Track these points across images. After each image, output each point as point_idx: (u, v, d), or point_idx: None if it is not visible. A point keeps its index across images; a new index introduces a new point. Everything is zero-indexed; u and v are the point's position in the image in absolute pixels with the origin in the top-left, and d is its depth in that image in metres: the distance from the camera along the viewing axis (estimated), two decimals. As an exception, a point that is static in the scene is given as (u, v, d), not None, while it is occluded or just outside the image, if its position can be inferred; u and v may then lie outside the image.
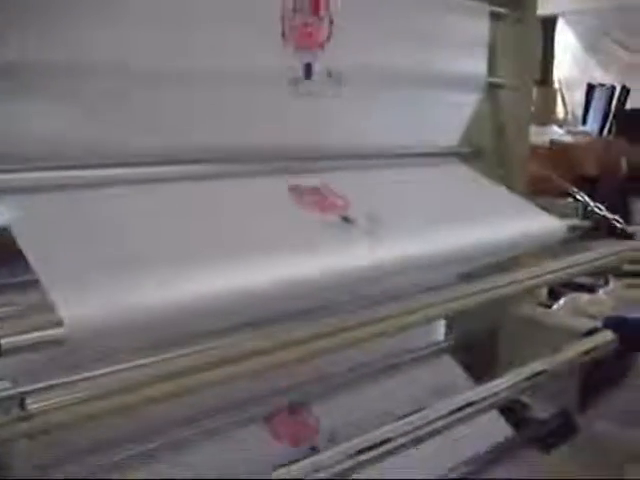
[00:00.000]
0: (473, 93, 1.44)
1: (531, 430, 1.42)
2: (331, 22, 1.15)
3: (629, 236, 1.43)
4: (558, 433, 1.41)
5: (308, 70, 1.15)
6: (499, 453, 1.33)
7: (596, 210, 1.47)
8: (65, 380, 0.70)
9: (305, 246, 1.00)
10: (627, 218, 3.12)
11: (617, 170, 4.18)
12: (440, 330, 1.57)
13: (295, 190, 1.13)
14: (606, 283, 2.64)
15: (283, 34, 1.09)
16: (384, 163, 1.35)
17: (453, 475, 1.25)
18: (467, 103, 1.44)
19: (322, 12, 1.14)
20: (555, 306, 1.79)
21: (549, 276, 1.20)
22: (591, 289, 2.53)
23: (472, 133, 1.48)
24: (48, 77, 0.88)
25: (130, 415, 0.83)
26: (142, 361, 0.74)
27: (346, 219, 1.09)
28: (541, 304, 2.02)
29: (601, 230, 1.48)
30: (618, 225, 1.42)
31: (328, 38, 1.16)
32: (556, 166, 3.51)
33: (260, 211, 1.06)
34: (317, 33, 1.15)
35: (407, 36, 1.28)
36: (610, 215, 1.45)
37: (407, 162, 1.37)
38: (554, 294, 2.38)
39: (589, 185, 3.44)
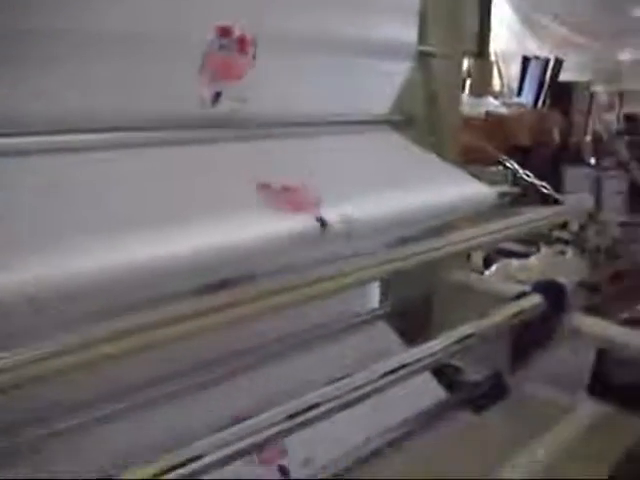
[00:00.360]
0: (404, 61, 1.44)
1: (464, 392, 1.46)
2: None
3: (557, 202, 1.47)
4: (489, 395, 1.45)
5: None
6: (432, 415, 1.36)
7: (525, 177, 1.50)
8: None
9: (245, 214, 1.00)
10: (559, 186, 3.21)
11: (550, 140, 4.27)
12: (375, 297, 1.58)
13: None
14: (538, 250, 2.71)
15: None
16: (315, 131, 1.34)
17: (388, 437, 1.27)
18: (398, 71, 1.45)
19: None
20: (487, 272, 1.83)
21: (480, 239, 1.23)
22: (524, 256, 2.60)
23: (404, 101, 1.49)
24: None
25: (89, 377, 0.85)
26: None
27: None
28: (476, 271, 2.06)
29: (530, 196, 1.51)
30: (546, 191, 1.45)
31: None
32: (491, 137, 3.56)
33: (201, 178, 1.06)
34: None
35: (336, 2, 1.27)
36: (538, 182, 1.48)
37: (338, 130, 1.38)
38: (489, 262, 2.44)
39: (523, 155, 3.51)
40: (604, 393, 1.49)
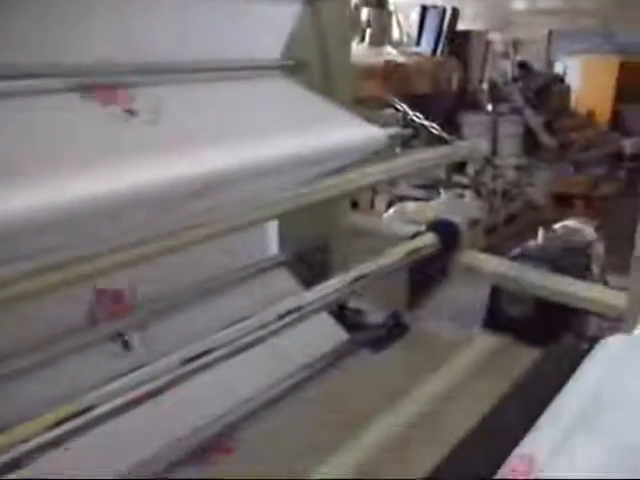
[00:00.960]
0: (292, 5, 1.42)
1: (364, 333, 1.48)
2: None
3: (446, 142, 1.50)
4: (389, 334, 1.49)
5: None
6: (334, 357, 1.38)
7: (415, 119, 1.52)
8: None
9: (121, 158, 0.98)
10: (458, 133, 3.26)
11: (448, 88, 4.35)
12: (274, 245, 1.58)
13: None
14: (438, 194, 2.78)
15: None
16: (206, 77, 1.31)
17: (291, 381, 1.28)
18: (287, 16, 1.42)
19: None
20: (384, 215, 1.86)
21: (371, 178, 1.24)
22: (425, 201, 2.67)
23: (294, 47, 1.47)
24: None
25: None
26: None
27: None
28: (379, 215, 2.09)
29: (421, 138, 1.53)
30: (435, 132, 1.48)
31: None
32: (390, 85, 3.60)
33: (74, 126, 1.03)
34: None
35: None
36: (428, 123, 1.50)
37: (229, 76, 1.35)
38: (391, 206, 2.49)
39: (422, 103, 3.55)
40: (499, 326, 1.55)
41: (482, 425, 1.02)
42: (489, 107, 4.47)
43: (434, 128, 1.46)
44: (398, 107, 1.55)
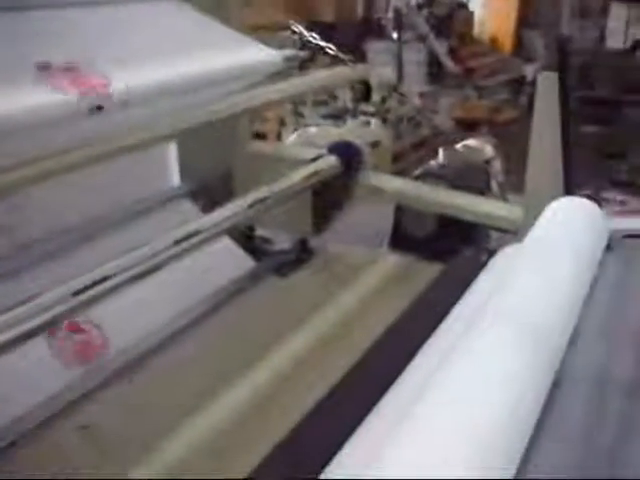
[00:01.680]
0: None
1: (271, 260, 1.48)
2: None
3: (344, 62, 1.48)
4: (296, 259, 1.49)
5: None
6: (241, 284, 1.38)
7: (312, 40, 1.49)
8: None
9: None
10: (363, 59, 3.24)
11: (353, 16, 4.31)
12: (175, 176, 1.54)
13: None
14: (344, 123, 2.78)
15: None
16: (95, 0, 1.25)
17: (200, 308, 1.27)
18: None
19: None
20: (286, 141, 1.84)
21: (264, 97, 1.21)
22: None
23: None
24: None
25: None
26: None
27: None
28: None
29: (320, 62, 1.51)
30: (332, 53, 1.46)
31: None
32: (293, 12, 3.53)
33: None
34: None
35: None
36: (324, 44, 1.48)
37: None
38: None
39: (327, 31, 3.50)
40: (404, 246, 1.58)
41: (385, 338, 1.04)
42: (394, 35, 4.46)
43: (330, 49, 1.43)
44: (295, 30, 1.52)
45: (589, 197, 1.12)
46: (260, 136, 2.79)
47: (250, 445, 0.82)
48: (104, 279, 0.87)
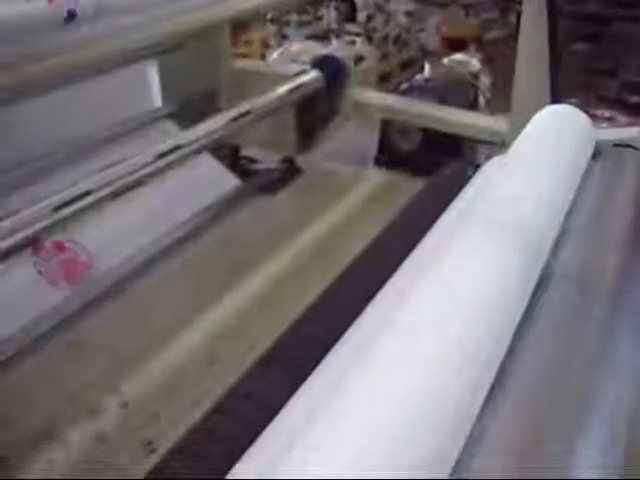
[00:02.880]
0: None
1: (257, 178, 1.47)
2: None
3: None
4: (282, 178, 1.48)
5: None
6: (227, 203, 1.37)
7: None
8: None
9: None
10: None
11: None
12: (157, 97, 1.51)
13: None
14: (329, 42, 2.72)
15: None
16: None
17: (192, 225, 1.26)
18: None
19: None
20: (269, 58, 1.80)
21: (247, 5, 1.18)
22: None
23: None
24: None
25: None
26: None
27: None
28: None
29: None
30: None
31: None
32: None
33: None
34: None
35: None
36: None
37: None
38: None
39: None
40: (390, 162, 1.57)
41: (367, 252, 1.04)
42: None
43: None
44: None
45: (575, 105, 1.11)
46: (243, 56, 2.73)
47: (241, 353, 0.83)
48: (85, 194, 0.86)
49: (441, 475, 0.45)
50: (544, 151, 0.96)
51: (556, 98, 1.34)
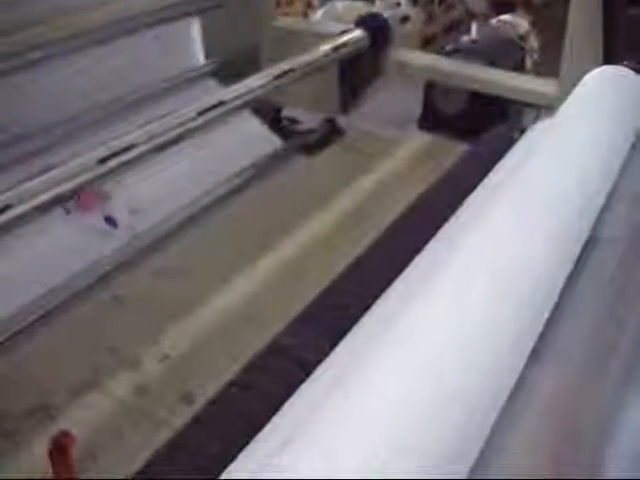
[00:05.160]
0: None
1: (299, 139, 1.46)
2: None
3: None
4: (324, 138, 1.47)
5: None
6: (268, 162, 1.36)
7: None
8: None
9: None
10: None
11: None
12: (200, 54, 1.50)
13: None
14: (373, 3, 2.67)
15: None
16: None
17: (229, 184, 1.26)
18: None
19: None
20: (312, 16, 1.77)
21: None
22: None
23: None
24: None
25: None
26: None
27: None
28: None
29: None
30: None
31: None
32: None
33: None
34: None
35: None
36: None
37: None
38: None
39: None
40: (434, 124, 1.54)
41: (407, 215, 1.02)
42: None
43: None
44: None
45: (628, 66, 1.07)
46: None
47: (281, 311, 0.83)
48: (128, 147, 0.86)
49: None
50: (593, 114, 0.93)
51: (609, 62, 1.29)
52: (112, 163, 0.85)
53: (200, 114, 0.96)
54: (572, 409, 0.52)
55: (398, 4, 2.72)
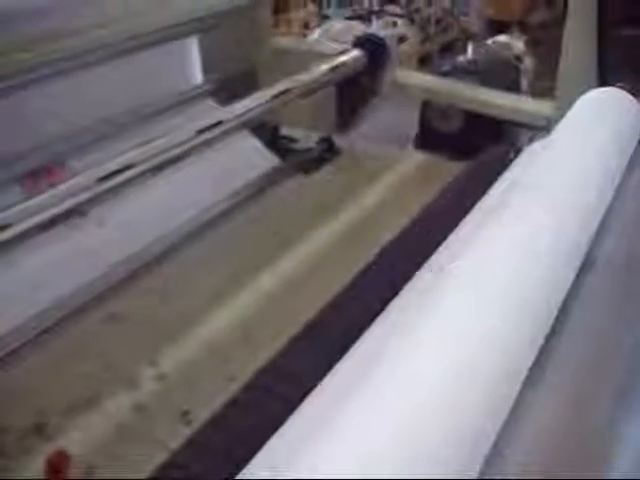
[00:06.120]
0: None
1: (296, 157, 1.47)
2: None
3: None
4: (321, 157, 1.47)
5: None
6: (266, 181, 1.37)
7: None
8: None
9: None
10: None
11: None
12: (197, 74, 1.51)
13: None
14: (370, 23, 2.69)
15: None
16: None
17: (231, 202, 1.27)
18: None
19: None
20: (310, 36, 1.79)
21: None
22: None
23: None
24: None
25: None
26: None
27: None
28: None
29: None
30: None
31: None
32: None
33: None
34: None
35: None
36: None
37: None
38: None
39: None
40: (431, 144, 1.55)
41: (402, 236, 1.03)
42: None
43: None
44: None
45: (623, 88, 1.08)
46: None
47: (277, 329, 0.83)
48: (126, 168, 0.87)
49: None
50: (588, 135, 0.94)
51: (603, 83, 1.30)
52: (111, 183, 0.85)
53: (199, 133, 0.96)
54: (568, 431, 0.52)
55: (395, 24, 2.75)
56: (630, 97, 1.05)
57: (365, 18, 3.02)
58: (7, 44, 0.87)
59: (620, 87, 1.08)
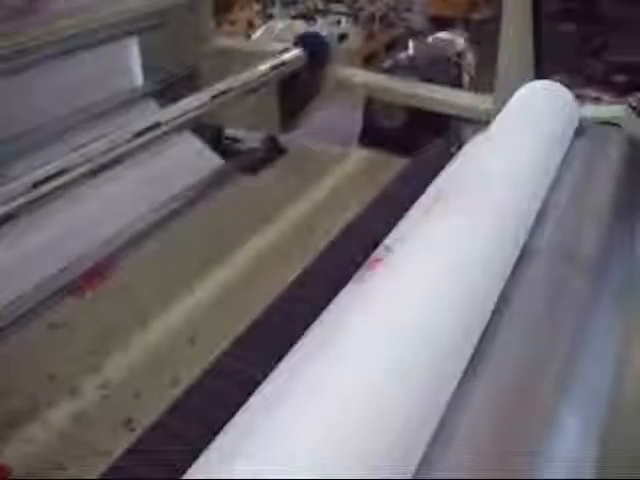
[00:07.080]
0: None
1: (240, 158, 1.46)
2: None
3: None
4: (265, 157, 1.47)
5: None
6: (210, 182, 1.35)
7: None
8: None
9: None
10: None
11: None
12: (138, 75, 1.49)
13: None
14: (315, 22, 2.70)
15: None
16: None
17: (175, 204, 1.25)
18: None
19: None
20: (252, 36, 1.78)
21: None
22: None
23: None
24: None
25: None
26: None
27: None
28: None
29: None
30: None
31: None
32: None
33: None
34: None
35: None
36: None
37: None
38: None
39: None
40: (374, 140, 1.56)
41: (348, 231, 1.03)
42: None
43: None
44: None
45: (560, 82, 1.10)
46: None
47: (222, 332, 0.83)
48: (62, 172, 0.85)
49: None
50: (526, 127, 0.95)
51: (540, 77, 1.33)
52: (47, 187, 0.83)
53: (136, 136, 0.95)
54: (506, 422, 0.52)
55: (339, 22, 2.75)
56: (565, 90, 1.07)
57: (310, 17, 3.03)
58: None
59: (555, 80, 1.10)
